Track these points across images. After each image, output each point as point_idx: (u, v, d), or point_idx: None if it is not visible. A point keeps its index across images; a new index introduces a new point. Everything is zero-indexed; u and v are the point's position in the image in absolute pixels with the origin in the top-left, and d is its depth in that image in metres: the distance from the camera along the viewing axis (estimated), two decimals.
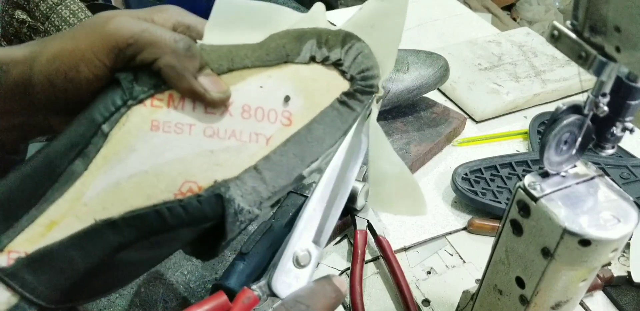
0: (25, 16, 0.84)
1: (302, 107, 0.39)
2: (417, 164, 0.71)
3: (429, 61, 0.73)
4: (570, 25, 0.33)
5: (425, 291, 0.58)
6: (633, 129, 0.36)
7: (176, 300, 0.54)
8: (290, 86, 0.39)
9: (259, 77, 0.39)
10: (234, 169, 0.37)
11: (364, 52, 0.41)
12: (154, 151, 0.35)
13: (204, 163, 0.37)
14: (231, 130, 0.38)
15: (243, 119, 0.38)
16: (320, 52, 0.40)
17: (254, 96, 0.38)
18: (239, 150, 0.38)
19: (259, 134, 0.38)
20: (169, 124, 0.37)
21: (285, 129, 0.39)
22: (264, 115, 0.38)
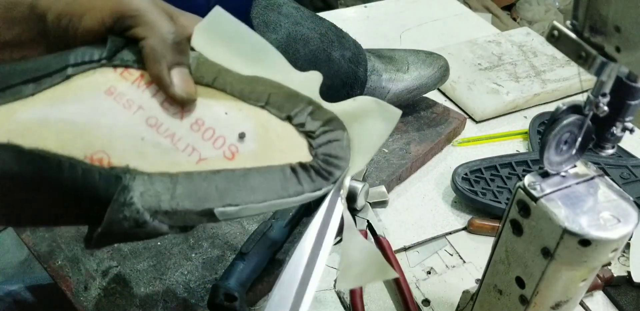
0: None
1: (252, 152, 0.38)
2: (417, 164, 0.71)
3: (429, 61, 0.73)
4: (570, 25, 0.33)
5: (425, 291, 0.58)
6: (633, 129, 0.36)
7: (176, 300, 0.54)
8: (253, 128, 0.39)
9: (229, 105, 0.39)
10: (152, 166, 0.36)
11: (341, 142, 0.40)
12: (94, 111, 0.36)
13: (128, 144, 0.36)
14: (172, 132, 0.37)
15: (190, 129, 0.38)
16: (300, 117, 0.40)
17: (214, 117, 0.38)
18: (166, 152, 0.37)
19: (195, 150, 0.37)
20: (122, 96, 0.37)
21: (223, 161, 0.38)
22: (212, 137, 0.38)
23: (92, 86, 0.37)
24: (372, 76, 0.70)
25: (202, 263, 0.57)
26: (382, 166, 0.68)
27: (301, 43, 0.65)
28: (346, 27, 0.74)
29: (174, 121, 0.38)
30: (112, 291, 0.55)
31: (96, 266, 0.57)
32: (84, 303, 0.54)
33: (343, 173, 0.40)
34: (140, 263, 0.57)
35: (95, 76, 0.37)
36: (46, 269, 0.58)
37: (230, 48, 0.39)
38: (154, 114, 0.38)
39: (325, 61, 0.67)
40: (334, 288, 0.59)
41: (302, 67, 0.65)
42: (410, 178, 0.71)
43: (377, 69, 0.71)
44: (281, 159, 0.39)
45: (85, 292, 0.55)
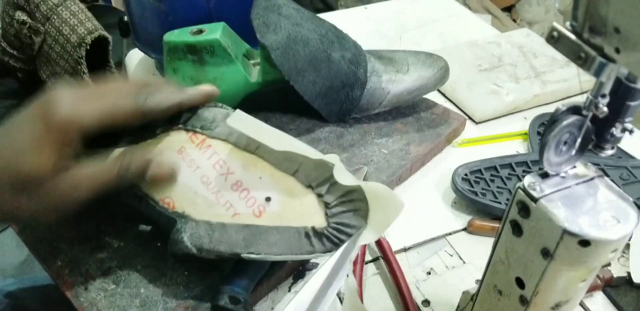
0: (25, 17, 0.84)
1: (275, 213, 0.47)
2: (417, 165, 0.71)
3: (428, 62, 0.73)
4: (569, 26, 0.33)
5: (425, 291, 0.58)
6: (632, 130, 0.36)
7: (176, 300, 0.54)
8: (278, 194, 0.47)
9: (264, 170, 0.48)
10: (199, 214, 0.48)
11: (358, 212, 0.47)
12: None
13: (186, 195, 0.48)
14: (218, 189, 0.48)
15: (231, 189, 0.48)
16: (321, 188, 0.47)
17: (250, 180, 0.48)
18: (211, 205, 0.48)
19: (232, 206, 0.47)
20: (188, 156, 0.49)
21: (251, 217, 0.47)
22: (246, 197, 0.47)
23: (170, 144, 0.50)
24: (372, 77, 0.70)
25: (202, 264, 0.57)
26: (382, 166, 0.68)
27: (301, 44, 0.66)
28: (346, 28, 0.74)
29: (220, 180, 0.48)
30: (112, 291, 0.55)
31: (96, 266, 0.57)
32: (84, 304, 0.54)
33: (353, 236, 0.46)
34: (140, 263, 0.57)
35: (173, 135, 0.50)
36: (46, 269, 0.58)
37: (259, 134, 0.48)
38: (207, 173, 0.48)
39: (325, 61, 0.67)
40: None
41: (302, 68, 0.66)
42: (410, 178, 0.71)
43: (377, 70, 0.71)
44: (300, 221, 0.46)
45: (85, 293, 0.55)
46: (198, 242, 0.47)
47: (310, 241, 0.46)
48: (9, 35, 0.89)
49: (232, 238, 0.47)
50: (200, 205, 0.48)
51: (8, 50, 0.91)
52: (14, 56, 0.92)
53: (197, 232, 0.47)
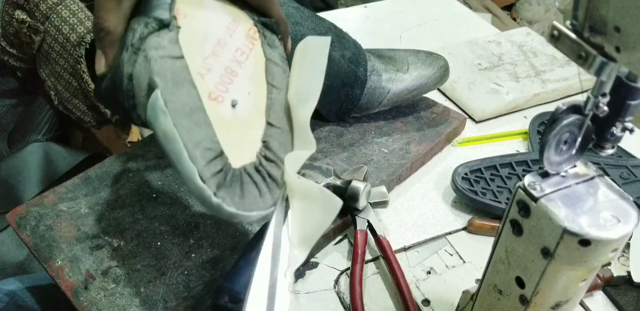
0: (25, 16, 0.84)
1: (224, 115, 0.44)
2: (417, 164, 0.71)
3: (429, 61, 0.73)
4: (570, 25, 0.33)
5: (425, 291, 0.58)
6: (633, 129, 0.36)
7: (176, 300, 0.54)
8: (243, 110, 0.46)
9: (257, 95, 0.47)
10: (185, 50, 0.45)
11: (274, 184, 0.45)
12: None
13: (196, 33, 0.46)
14: (218, 57, 0.46)
15: (225, 69, 0.46)
16: (269, 151, 0.46)
17: (241, 83, 0.47)
18: (201, 56, 0.45)
19: (209, 71, 0.45)
20: (232, 28, 0.48)
21: (206, 93, 0.44)
22: (224, 81, 0.46)
23: (232, 12, 0.49)
24: (372, 76, 0.70)
25: (202, 263, 0.57)
26: (382, 166, 0.68)
27: None
28: (346, 27, 0.74)
29: (227, 56, 0.46)
30: (112, 291, 0.55)
31: (96, 266, 0.57)
32: (84, 303, 0.54)
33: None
34: (140, 263, 0.57)
35: (240, 14, 0.49)
36: (46, 269, 0.58)
37: (300, 72, 0.48)
38: (227, 44, 0.47)
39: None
40: (334, 288, 0.59)
41: None
42: (410, 177, 0.71)
43: (377, 69, 0.71)
44: (232, 140, 0.44)
45: (85, 292, 0.55)
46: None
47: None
48: (8, 35, 0.89)
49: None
50: (196, 46, 0.45)
51: (8, 50, 0.91)
52: (13, 55, 0.92)
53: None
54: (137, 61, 0.42)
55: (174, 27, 0.44)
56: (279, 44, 0.51)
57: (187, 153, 0.40)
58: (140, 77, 0.42)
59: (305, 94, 0.47)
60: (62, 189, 0.65)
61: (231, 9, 0.49)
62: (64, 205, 0.63)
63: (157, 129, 0.41)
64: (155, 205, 0.63)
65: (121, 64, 0.43)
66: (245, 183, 0.42)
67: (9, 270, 0.81)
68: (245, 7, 0.50)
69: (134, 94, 0.43)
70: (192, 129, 0.41)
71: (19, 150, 0.90)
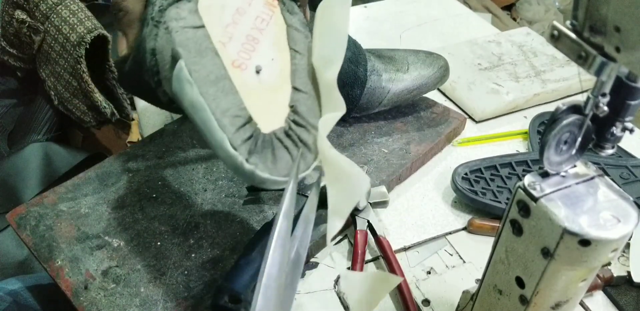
0: (25, 16, 0.84)
1: (249, 80, 0.44)
2: (417, 164, 0.71)
3: (428, 61, 0.73)
4: (570, 25, 0.33)
5: (425, 291, 0.58)
6: (633, 129, 0.36)
7: (176, 300, 0.54)
8: (269, 76, 0.45)
9: (282, 61, 0.47)
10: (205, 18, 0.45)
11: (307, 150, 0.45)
12: None
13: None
14: (238, 25, 0.46)
15: (246, 36, 0.46)
16: (297, 115, 0.46)
17: (264, 49, 0.46)
18: (221, 22, 0.46)
19: (230, 40, 0.45)
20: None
21: (230, 61, 0.45)
22: (247, 48, 0.45)
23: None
24: (372, 76, 0.70)
25: (202, 263, 0.57)
26: (382, 166, 0.68)
27: None
28: None
29: (247, 24, 0.46)
30: (112, 291, 0.55)
31: (96, 266, 0.57)
32: (84, 303, 0.54)
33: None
34: (140, 263, 0.57)
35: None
36: (46, 269, 0.58)
37: (322, 32, 0.47)
38: (247, 13, 0.47)
39: None
40: (334, 288, 0.59)
41: None
42: (410, 177, 0.71)
43: (377, 69, 0.71)
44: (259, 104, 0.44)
45: (85, 292, 0.55)
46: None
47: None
48: (8, 35, 0.88)
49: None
50: (215, 15, 0.45)
51: (8, 50, 0.91)
52: (13, 55, 0.92)
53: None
54: (158, 34, 0.42)
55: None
56: (298, 11, 0.51)
57: (215, 121, 0.40)
58: (164, 50, 0.42)
59: (330, 56, 0.46)
60: (62, 189, 0.65)
61: None
62: (64, 205, 0.63)
63: (184, 100, 0.41)
64: (155, 205, 0.63)
65: (143, 41, 0.43)
66: (277, 148, 0.42)
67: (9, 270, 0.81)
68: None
69: (158, 69, 0.43)
70: (219, 97, 0.41)
71: (19, 150, 0.90)
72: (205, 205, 0.63)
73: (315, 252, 0.62)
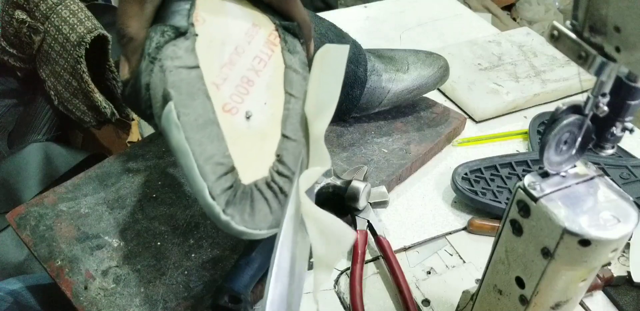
0: (25, 16, 0.84)
1: (238, 125, 0.43)
2: (417, 164, 0.71)
3: (428, 61, 0.73)
4: (570, 25, 0.33)
5: (425, 291, 0.58)
6: (633, 129, 0.36)
7: (176, 300, 0.54)
8: (259, 121, 0.44)
9: (274, 106, 0.45)
10: (202, 57, 0.44)
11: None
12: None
13: (214, 38, 0.45)
14: (234, 65, 0.45)
15: (240, 78, 0.45)
16: (282, 165, 0.44)
17: (258, 94, 0.45)
18: (219, 63, 0.45)
19: (225, 81, 0.44)
20: (251, 34, 0.47)
21: (220, 104, 0.43)
22: (240, 91, 0.44)
23: (252, 15, 0.48)
24: (372, 76, 0.70)
25: (202, 263, 0.57)
26: (382, 166, 0.68)
27: None
28: (346, 27, 0.74)
29: (244, 65, 0.45)
30: (112, 291, 0.55)
31: (96, 266, 0.57)
32: (84, 303, 0.54)
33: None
34: (140, 263, 0.57)
35: (260, 17, 0.48)
36: (46, 269, 0.58)
37: (318, 81, 0.45)
38: (245, 52, 0.46)
39: None
40: (334, 288, 0.59)
41: None
42: (410, 178, 0.71)
43: (377, 69, 0.71)
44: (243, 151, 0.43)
45: (85, 292, 0.55)
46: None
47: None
48: (8, 35, 0.88)
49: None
50: (213, 54, 0.45)
51: (8, 50, 0.91)
52: (13, 55, 0.92)
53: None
54: (153, 70, 0.42)
55: (191, 35, 0.43)
56: (300, 49, 0.49)
57: (197, 168, 0.39)
58: (157, 87, 0.42)
59: (322, 106, 0.45)
60: (62, 189, 0.65)
61: (252, 13, 0.48)
62: (64, 205, 0.63)
63: (171, 142, 0.41)
64: (155, 205, 0.63)
65: (140, 73, 0.43)
66: (256, 200, 0.41)
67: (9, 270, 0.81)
68: (268, 10, 0.49)
69: (151, 103, 0.42)
70: (204, 143, 0.40)
71: (19, 150, 0.90)
72: None
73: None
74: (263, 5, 0.49)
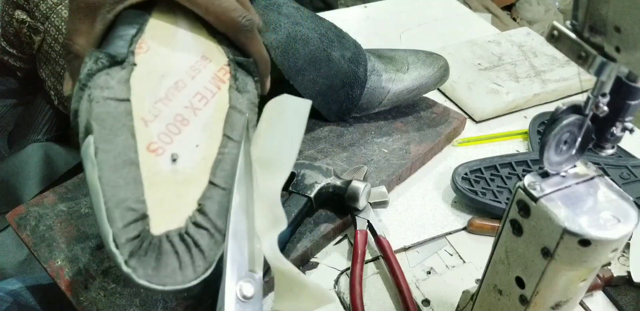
0: (25, 16, 0.84)
1: (161, 170, 0.40)
2: (417, 164, 0.71)
3: (428, 61, 0.73)
4: (570, 25, 0.33)
5: (425, 291, 0.58)
6: (633, 129, 0.36)
7: (176, 300, 0.54)
8: (184, 166, 0.41)
9: (206, 150, 0.42)
10: (137, 88, 0.42)
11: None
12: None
13: (151, 74, 0.43)
14: (171, 101, 0.42)
15: (175, 117, 0.42)
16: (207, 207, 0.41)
17: (191, 135, 0.42)
18: (154, 97, 0.42)
19: (158, 116, 0.41)
20: (197, 69, 0.44)
21: (146, 143, 0.40)
22: (171, 131, 0.41)
23: (202, 44, 0.46)
24: (372, 76, 0.70)
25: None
26: (382, 166, 0.68)
27: (301, 43, 0.65)
28: (346, 27, 0.74)
29: (180, 103, 0.42)
30: (112, 291, 0.55)
31: (96, 266, 0.57)
32: (84, 303, 0.54)
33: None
34: None
35: (213, 48, 0.46)
36: (46, 269, 0.58)
37: (266, 134, 0.43)
38: (187, 88, 0.43)
39: (325, 60, 0.67)
40: (334, 288, 0.59)
41: (302, 67, 0.66)
42: (410, 178, 0.71)
43: (377, 69, 0.71)
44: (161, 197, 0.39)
45: (85, 292, 0.55)
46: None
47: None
48: (8, 35, 0.88)
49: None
50: (149, 87, 0.41)
51: (8, 50, 0.91)
52: (13, 55, 0.92)
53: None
54: (82, 97, 0.39)
55: (128, 65, 0.41)
56: (251, 88, 0.46)
57: (105, 211, 0.36)
58: (82, 117, 0.39)
59: (278, 162, 0.41)
60: (62, 189, 0.65)
61: (205, 43, 0.45)
62: (64, 205, 0.63)
63: (86, 176, 0.38)
64: None
65: (70, 98, 0.40)
66: (164, 253, 0.37)
67: (9, 270, 0.81)
68: (224, 42, 0.46)
69: (77, 131, 0.40)
70: (119, 186, 0.37)
71: (19, 150, 0.90)
72: None
73: (315, 252, 0.62)
74: (220, 35, 0.46)
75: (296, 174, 0.63)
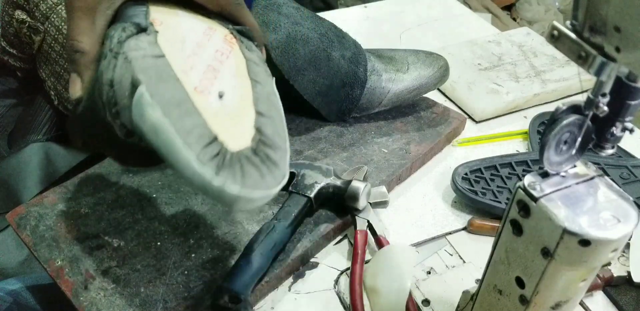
0: (25, 16, 0.84)
1: (211, 106, 0.43)
2: (417, 164, 0.71)
3: (428, 61, 0.73)
4: (570, 25, 0.33)
5: (425, 291, 0.58)
6: (633, 129, 0.36)
7: (176, 300, 0.54)
8: (231, 100, 0.45)
9: (238, 84, 0.47)
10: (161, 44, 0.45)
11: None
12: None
13: (176, 30, 0.47)
14: (198, 54, 0.46)
15: (207, 65, 0.46)
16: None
17: (225, 80, 0.46)
18: (183, 53, 0.46)
19: (192, 69, 0.45)
20: (209, 35, 0.48)
21: (192, 86, 0.44)
22: (207, 77, 0.45)
23: (203, 20, 0.50)
24: (372, 76, 0.70)
25: (202, 263, 0.57)
26: (382, 166, 0.68)
27: (301, 43, 0.65)
28: (346, 27, 0.74)
29: (209, 54, 0.46)
30: (112, 291, 0.55)
31: (96, 266, 0.57)
32: (84, 303, 0.54)
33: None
34: (140, 263, 0.57)
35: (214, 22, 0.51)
36: (46, 269, 0.58)
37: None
38: (206, 47, 0.47)
39: (325, 60, 0.67)
40: (334, 288, 0.59)
41: (302, 66, 0.66)
42: (410, 178, 0.71)
43: (377, 69, 0.71)
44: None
45: (85, 292, 0.55)
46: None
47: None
48: (8, 35, 0.88)
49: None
50: (176, 47, 0.45)
51: (8, 50, 0.91)
52: (13, 55, 0.92)
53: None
54: (117, 64, 0.41)
55: (151, 32, 0.44)
56: (256, 49, 0.51)
57: (181, 140, 0.39)
58: (122, 79, 0.41)
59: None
60: (62, 189, 0.65)
61: (205, 19, 0.50)
62: (64, 205, 0.63)
63: (145, 125, 0.40)
64: (155, 205, 0.63)
65: (100, 75, 0.42)
66: (246, 165, 0.41)
67: (9, 270, 0.81)
68: (218, 19, 0.51)
69: (116, 100, 0.41)
70: (183, 118, 0.40)
71: (19, 150, 0.90)
72: (205, 205, 0.63)
73: (315, 252, 0.62)
74: (213, 15, 0.50)
75: (296, 174, 0.63)
